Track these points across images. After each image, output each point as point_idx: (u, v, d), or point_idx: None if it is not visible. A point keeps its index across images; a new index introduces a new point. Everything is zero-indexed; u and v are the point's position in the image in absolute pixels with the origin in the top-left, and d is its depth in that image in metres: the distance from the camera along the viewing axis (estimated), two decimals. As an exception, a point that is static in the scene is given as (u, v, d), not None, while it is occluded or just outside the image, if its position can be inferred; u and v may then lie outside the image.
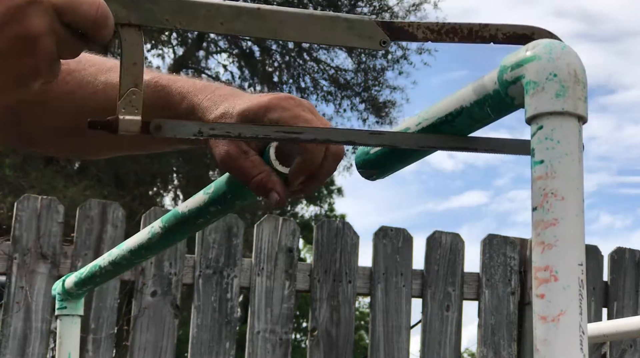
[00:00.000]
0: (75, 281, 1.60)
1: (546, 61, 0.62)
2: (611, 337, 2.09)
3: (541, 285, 0.57)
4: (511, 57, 0.67)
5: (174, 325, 3.47)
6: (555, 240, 0.57)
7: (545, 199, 0.58)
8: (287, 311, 3.55)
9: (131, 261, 1.35)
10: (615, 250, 4.02)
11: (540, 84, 0.62)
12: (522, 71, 0.64)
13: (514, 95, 0.66)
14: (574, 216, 0.58)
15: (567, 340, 0.57)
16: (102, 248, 3.42)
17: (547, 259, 0.58)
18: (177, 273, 3.48)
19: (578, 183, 0.58)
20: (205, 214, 1.10)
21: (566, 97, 0.60)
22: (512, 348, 3.78)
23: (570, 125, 0.60)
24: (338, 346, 3.58)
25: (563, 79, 0.61)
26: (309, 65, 14.28)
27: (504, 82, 0.67)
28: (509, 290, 3.81)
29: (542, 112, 0.61)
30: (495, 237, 3.86)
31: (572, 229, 0.58)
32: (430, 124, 0.77)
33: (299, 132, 0.86)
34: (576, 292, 0.58)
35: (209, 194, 1.08)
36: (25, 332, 3.30)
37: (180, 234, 1.21)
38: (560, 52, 0.62)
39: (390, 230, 3.72)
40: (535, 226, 0.59)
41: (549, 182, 0.59)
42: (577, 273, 0.57)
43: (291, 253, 3.60)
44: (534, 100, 0.61)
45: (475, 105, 0.71)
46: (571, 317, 0.58)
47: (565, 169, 0.58)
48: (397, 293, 3.67)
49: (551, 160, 0.59)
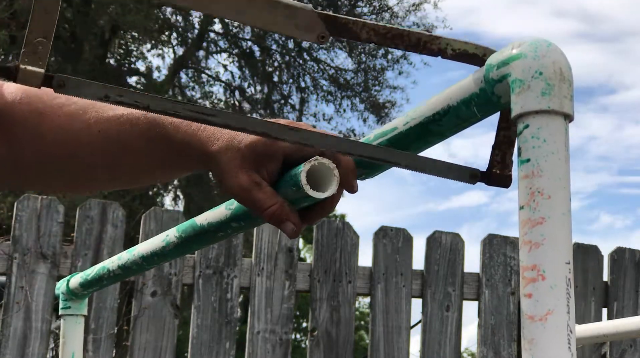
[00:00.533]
0: (80, 282, 1.60)
1: (532, 59, 0.62)
2: (611, 337, 2.09)
3: (529, 284, 0.57)
4: (497, 56, 0.66)
5: (174, 325, 3.47)
6: (542, 238, 0.57)
7: (532, 198, 0.58)
8: (287, 312, 3.55)
9: (142, 266, 1.34)
10: (615, 250, 4.02)
11: (526, 83, 0.61)
12: (508, 69, 0.64)
13: (500, 94, 0.66)
14: (560, 214, 0.58)
15: (555, 339, 0.57)
16: (102, 248, 3.43)
17: (534, 258, 0.58)
18: (177, 273, 3.48)
19: (564, 182, 0.58)
20: (226, 229, 1.08)
21: (552, 95, 0.60)
22: (512, 348, 3.78)
23: (556, 123, 0.59)
24: (338, 346, 3.58)
25: (549, 77, 0.60)
26: (309, 65, 14.28)
27: (490, 80, 0.66)
28: (509, 290, 3.81)
29: (528, 111, 0.60)
30: (495, 237, 3.86)
31: (559, 228, 0.58)
32: (417, 124, 0.76)
33: (211, 114, 0.82)
34: (564, 291, 0.57)
35: (231, 210, 1.05)
36: (25, 332, 3.30)
37: (196, 245, 1.19)
38: (545, 50, 0.62)
39: (390, 230, 3.72)
40: (522, 225, 0.58)
41: (535, 181, 0.58)
42: (564, 272, 0.57)
43: (291, 253, 3.60)
44: (520, 98, 0.61)
45: (462, 104, 0.70)
46: (559, 316, 0.57)
47: (552, 168, 0.58)
48: (397, 293, 3.67)
49: (537, 159, 0.59)
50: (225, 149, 0.97)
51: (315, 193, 0.92)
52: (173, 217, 3.53)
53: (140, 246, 1.33)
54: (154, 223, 3.48)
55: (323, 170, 0.92)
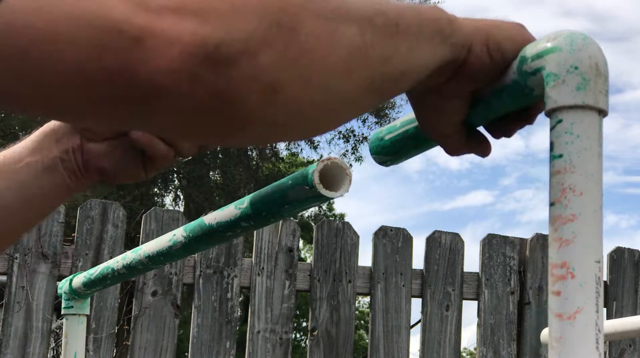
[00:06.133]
0: (84, 282, 1.59)
1: (567, 52, 0.61)
2: (610, 337, 2.09)
3: (557, 281, 0.57)
4: (531, 48, 0.65)
5: (175, 325, 3.47)
6: (573, 236, 0.57)
7: (564, 194, 0.57)
8: (287, 311, 3.55)
9: (147, 266, 1.33)
10: (615, 249, 4.02)
11: (560, 77, 0.60)
12: (542, 62, 0.63)
13: (533, 86, 0.65)
14: (592, 212, 0.57)
15: (583, 338, 0.56)
16: (102, 248, 3.42)
17: (564, 255, 0.57)
18: (177, 272, 3.48)
19: (597, 178, 0.58)
20: (235, 229, 1.06)
21: (587, 90, 0.59)
22: (511, 348, 3.78)
23: (590, 119, 0.59)
24: (338, 346, 3.58)
25: (584, 71, 0.60)
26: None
27: (523, 72, 0.65)
28: (508, 289, 3.81)
29: (562, 106, 0.59)
30: (494, 237, 3.86)
31: (590, 225, 0.57)
32: None
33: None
34: (593, 289, 0.57)
35: (241, 209, 1.04)
36: (26, 331, 3.30)
37: (204, 245, 1.18)
38: (581, 44, 0.61)
39: (390, 229, 3.72)
40: (552, 222, 0.58)
41: (567, 177, 0.58)
42: (594, 270, 0.57)
43: (291, 253, 3.60)
44: (554, 93, 0.60)
45: (492, 96, 0.70)
46: (588, 315, 0.57)
47: (585, 164, 0.58)
48: (397, 293, 3.67)
49: (570, 154, 0.58)
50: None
51: (328, 192, 0.92)
52: (173, 217, 3.53)
53: (146, 245, 1.32)
54: (155, 223, 3.47)
55: (335, 169, 0.93)
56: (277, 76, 0.57)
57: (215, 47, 0.55)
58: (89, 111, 0.58)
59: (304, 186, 0.94)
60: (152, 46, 0.54)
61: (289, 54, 0.57)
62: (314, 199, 0.95)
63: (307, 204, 0.96)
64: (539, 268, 3.85)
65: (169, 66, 0.54)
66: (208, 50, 0.55)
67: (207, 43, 0.55)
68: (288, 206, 0.97)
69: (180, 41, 0.54)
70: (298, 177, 0.96)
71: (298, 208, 0.98)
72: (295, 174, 0.97)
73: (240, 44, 0.55)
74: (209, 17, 0.55)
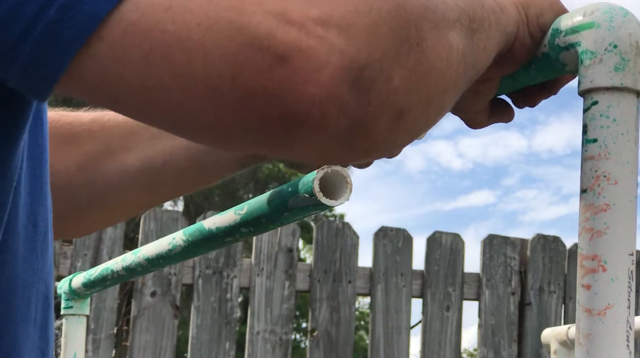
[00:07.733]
0: (83, 282, 1.58)
1: (606, 29, 0.57)
2: (640, 333, 2.07)
3: (587, 275, 0.54)
4: (566, 21, 0.61)
5: (174, 326, 3.45)
6: (606, 227, 0.54)
7: (597, 182, 0.54)
8: (287, 312, 3.54)
9: (147, 268, 1.32)
10: (616, 250, 4.01)
11: (598, 55, 0.57)
12: (577, 37, 0.59)
13: (565, 61, 0.61)
14: (626, 201, 0.54)
15: (613, 335, 0.54)
16: (101, 248, 3.41)
17: (595, 247, 0.54)
18: (176, 273, 3.46)
19: (633, 166, 0.54)
20: (235, 234, 1.04)
21: (626, 71, 0.55)
22: (512, 349, 3.76)
23: (628, 102, 0.55)
24: (338, 346, 3.56)
25: (624, 50, 0.56)
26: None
27: (555, 46, 0.62)
28: (509, 290, 3.79)
29: (599, 87, 0.56)
30: (495, 237, 3.84)
31: (624, 215, 0.54)
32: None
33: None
34: (625, 284, 0.54)
35: (240, 215, 1.02)
36: (24, 332, 3.28)
37: (203, 249, 1.16)
38: (622, 20, 0.57)
39: (390, 230, 3.70)
40: (583, 211, 0.55)
41: (601, 163, 0.55)
42: (627, 264, 0.54)
43: (291, 253, 3.58)
44: (590, 72, 0.57)
45: (522, 67, 0.66)
46: (619, 311, 0.54)
47: (620, 151, 0.54)
48: (397, 294, 3.65)
49: (605, 139, 0.55)
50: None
51: (329, 201, 0.91)
52: (172, 217, 3.51)
53: (145, 248, 1.31)
54: (154, 223, 3.46)
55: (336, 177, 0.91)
56: (406, 99, 0.50)
57: (360, 71, 0.48)
58: (206, 136, 0.51)
59: (303, 194, 0.92)
60: (299, 67, 0.46)
61: (417, 74, 0.50)
62: (313, 208, 0.93)
63: (307, 212, 0.94)
64: (539, 269, 3.83)
65: (319, 93, 0.47)
66: (354, 74, 0.47)
67: (353, 66, 0.47)
68: (288, 214, 0.95)
69: (330, 63, 0.46)
70: (298, 185, 0.94)
71: (298, 216, 0.96)
72: (295, 181, 0.96)
73: (378, 65, 0.48)
74: (353, 33, 0.47)
